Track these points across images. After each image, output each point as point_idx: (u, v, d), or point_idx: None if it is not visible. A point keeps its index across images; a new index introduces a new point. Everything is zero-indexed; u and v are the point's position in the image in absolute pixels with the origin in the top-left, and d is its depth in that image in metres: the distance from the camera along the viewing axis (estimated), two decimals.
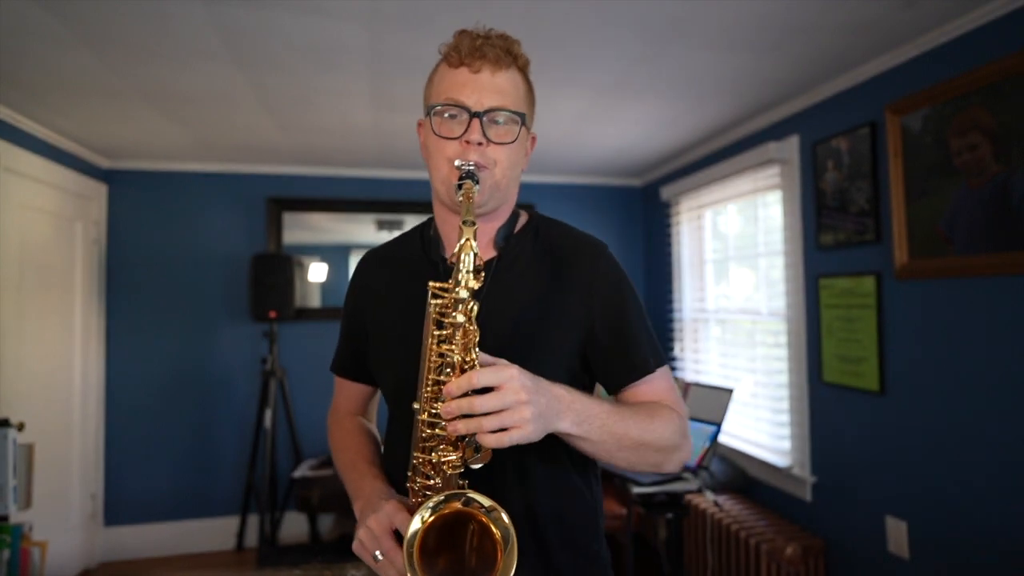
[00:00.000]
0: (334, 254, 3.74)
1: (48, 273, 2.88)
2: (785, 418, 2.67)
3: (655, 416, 0.88)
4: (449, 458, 0.77)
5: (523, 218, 1.02)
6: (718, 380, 3.21)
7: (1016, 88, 1.68)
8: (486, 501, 0.74)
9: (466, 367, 0.75)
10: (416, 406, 0.79)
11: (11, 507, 2.02)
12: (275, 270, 3.27)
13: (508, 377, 0.71)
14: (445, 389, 0.72)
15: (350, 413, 1.14)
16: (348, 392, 1.13)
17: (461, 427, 0.70)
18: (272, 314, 3.24)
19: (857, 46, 2.02)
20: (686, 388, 2.70)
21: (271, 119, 2.72)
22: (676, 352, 3.64)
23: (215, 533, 3.44)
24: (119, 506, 3.35)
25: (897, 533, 2.08)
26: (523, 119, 0.90)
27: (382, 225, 3.77)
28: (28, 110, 2.54)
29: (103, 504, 3.33)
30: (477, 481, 0.79)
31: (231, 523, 3.45)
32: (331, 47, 1.98)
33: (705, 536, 2.68)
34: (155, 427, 3.41)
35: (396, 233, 1.12)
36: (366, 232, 3.78)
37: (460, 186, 0.83)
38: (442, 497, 0.74)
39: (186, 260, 3.49)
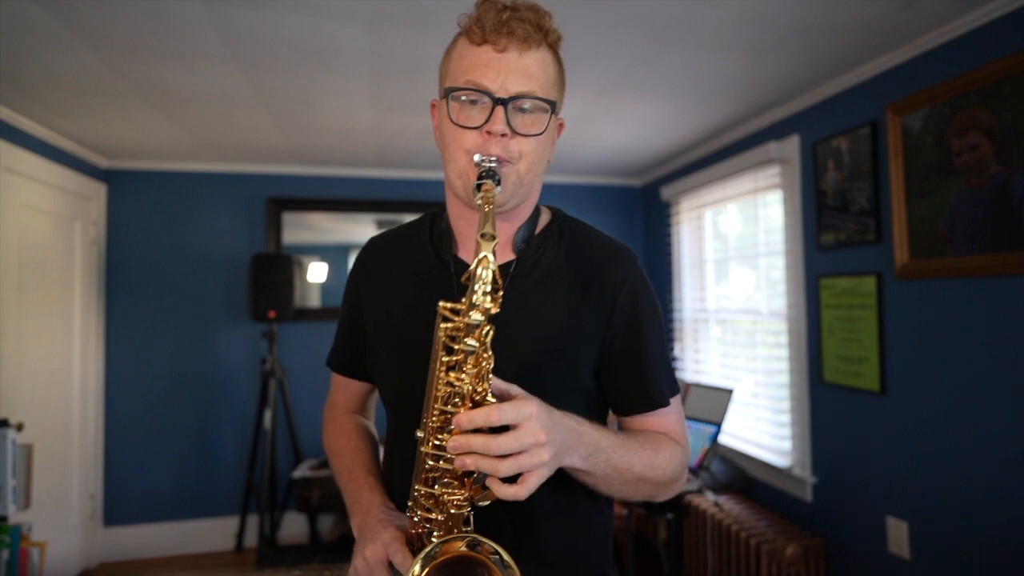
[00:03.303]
0: (334, 254, 3.74)
1: (48, 273, 2.88)
2: (785, 418, 2.67)
3: (660, 450, 0.83)
4: (454, 497, 0.70)
5: (545, 216, 0.93)
6: (718, 380, 3.21)
7: (1016, 88, 1.68)
8: (503, 553, 0.67)
9: (477, 397, 0.68)
10: (419, 434, 0.72)
11: (10, 507, 2.01)
12: (275, 270, 3.27)
13: (528, 416, 0.65)
14: (456, 420, 0.65)
15: (347, 410, 1.07)
16: (345, 388, 1.05)
17: (471, 463, 0.64)
18: (272, 314, 3.24)
19: (857, 46, 2.02)
20: (686, 388, 2.70)
21: (271, 119, 2.72)
22: (676, 352, 3.64)
23: (215, 533, 3.43)
24: (118, 506, 3.35)
25: (898, 533, 2.08)
26: (553, 107, 0.80)
27: (382, 225, 3.77)
28: (28, 110, 2.54)
29: (102, 504, 3.32)
30: (481, 515, 0.73)
31: (231, 523, 3.44)
32: (331, 47, 1.98)
33: (705, 536, 2.67)
34: (154, 427, 3.41)
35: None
36: (366, 232, 3.77)
37: (479, 186, 0.74)
38: (445, 539, 0.69)
39: (186, 260, 3.48)
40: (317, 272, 3.67)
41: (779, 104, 2.61)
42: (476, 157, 0.77)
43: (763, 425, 2.86)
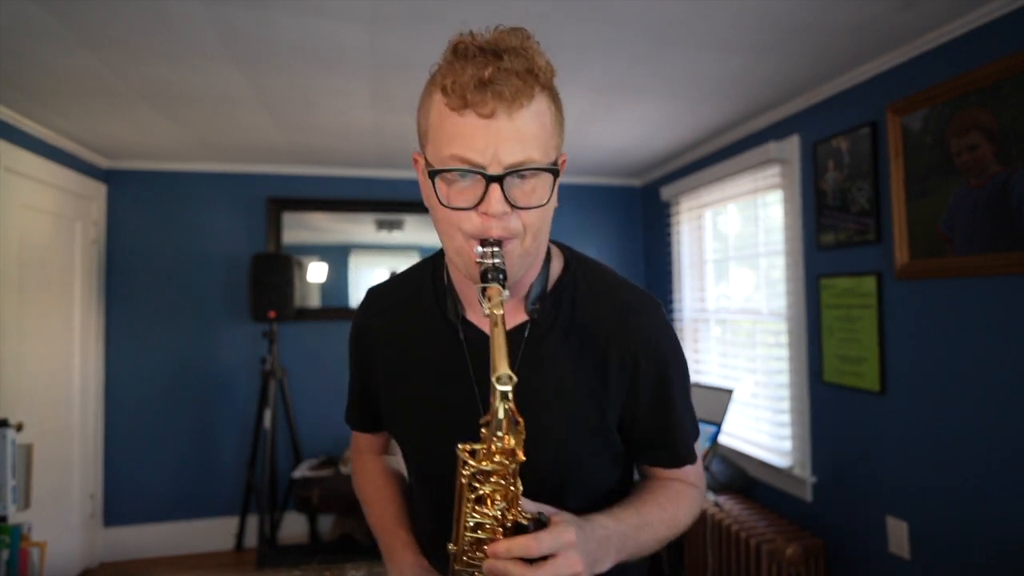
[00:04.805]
0: (334, 254, 3.74)
1: (48, 273, 2.88)
2: (785, 418, 2.67)
3: (680, 504, 0.84)
4: None
5: (557, 264, 0.85)
6: (718, 380, 3.21)
7: (1016, 88, 1.68)
8: None
9: (508, 523, 0.68)
10: (452, 548, 0.72)
11: (10, 507, 2.01)
12: (275, 270, 3.27)
13: (566, 544, 0.65)
14: (492, 549, 0.65)
15: (372, 452, 1.05)
16: (366, 437, 1.04)
17: None
18: (272, 314, 3.24)
19: (857, 46, 2.02)
20: None
21: (271, 119, 2.72)
22: None
23: (215, 533, 3.43)
24: (118, 506, 3.35)
25: (898, 533, 2.08)
26: (556, 174, 0.71)
27: (382, 225, 3.77)
28: (28, 110, 2.54)
29: (102, 504, 3.32)
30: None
31: (231, 523, 3.44)
32: (331, 47, 1.97)
33: (705, 537, 2.67)
34: (154, 427, 3.41)
35: (395, 233, 1.05)
36: (366, 232, 3.77)
37: (484, 290, 0.67)
38: None
39: (186, 260, 3.48)
40: (317, 272, 3.67)
41: (779, 104, 2.61)
42: (477, 251, 0.69)
43: (763, 425, 2.86)
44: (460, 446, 0.66)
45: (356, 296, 3.71)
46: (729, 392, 2.52)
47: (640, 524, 0.78)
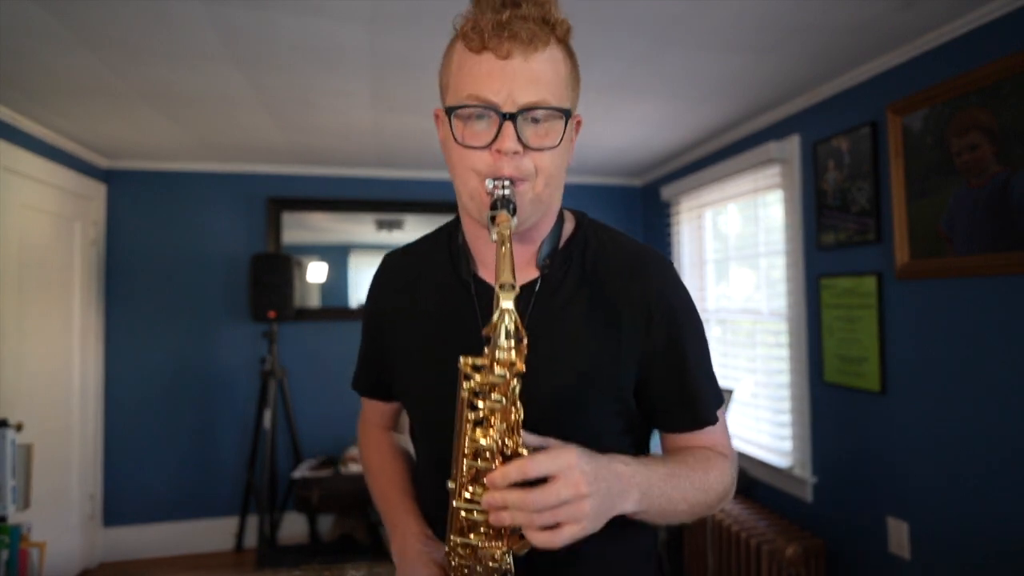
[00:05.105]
0: (334, 254, 3.74)
1: (48, 273, 2.88)
2: (786, 418, 2.66)
3: (710, 470, 0.79)
4: (490, 547, 0.69)
5: (569, 224, 0.86)
6: (718, 380, 3.20)
7: (1016, 88, 1.68)
8: None
9: (508, 451, 0.65)
10: (451, 485, 0.69)
11: (10, 508, 2.01)
12: (275, 270, 3.27)
13: (566, 466, 0.61)
14: (489, 479, 0.62)
15: (380, 427, 1.05)
16: (375, 408, 1.03)
17: (507, 518, 0.61)
18: (271, 314, 3.24)
19: (857, 46, 2.02)
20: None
21: (271, 119, 2.72)
22: None
23: (214, 533, 3.43)
24: (118, 506, 3.34)
25: (898, 533, 2.08)
26: (568, 114, 0.73)
27: (382, 225, 3.76)
28: (28, 110, 2.54)
29: (102, 504, 3.32)
30: (522, 559, 0.71)
31: (230, 523, 3.44)
32: (331, 47, 1.97)
33: (705, 537, 2.67)
34: (154, 427, 3.40)
35: (395, 233, 1.05)
36: (366, 232, 3.77)
37: (493, 218, 0.68)
38: None
39: (185, 260, 3.48)
40: (317, 272, 3.67)
41: (779, 104, 2.61)
42: (488, 184, 0.71)
43: (763, 425, 2.86)
44: (462, 358, 0.65)
45: (356, 296, 3.71)
46: (729, 392, 2.52)
47: (669, 473, 0.73)
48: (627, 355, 0.79)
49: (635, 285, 0.80)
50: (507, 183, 0.70)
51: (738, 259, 3.21)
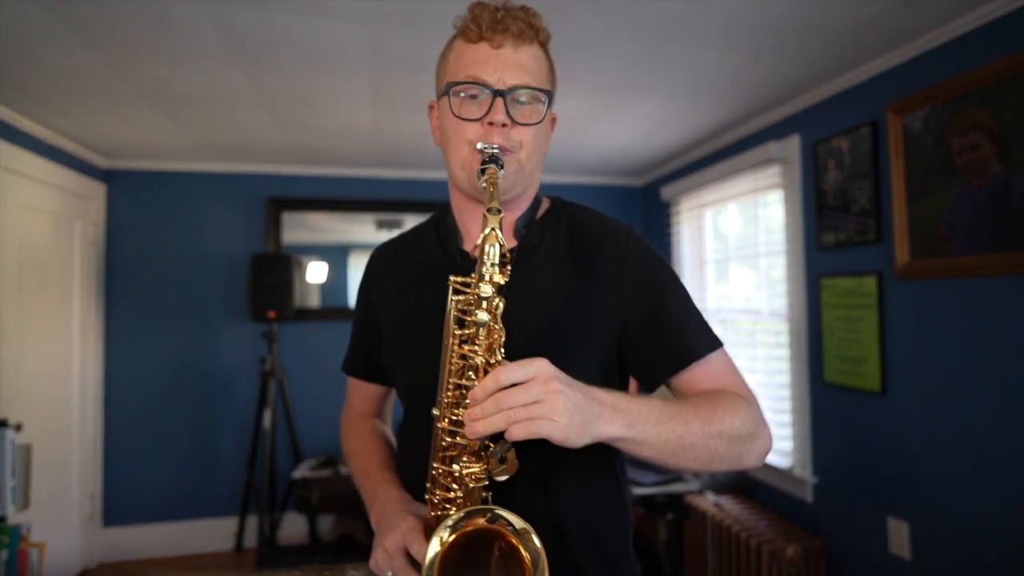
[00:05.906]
0: (334, 254, 3.74)
1: (47, 273, 2.88)
2: (786, 418, 2.66)
3: (717, 405, 0.77)
4: (472, 469, 0.71)
5: (545, 204, 0.95)
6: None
7: (1016, 88, 1.68)
8: (516, 521, 0.67)
9: (490, 370, 0.68)
10: (435, 412, 0.74)
11: (9, 508, 2.01)
12: (274, 270, 3.26)
13: (536, 369, 0.64)
14: (471, 394, 0.65)
15: (364, 414, 1.09)
16: (362, 392, 1.07)
17: (481, 428, 0.63)
18: (271, 314, 3.24)
19: (857, 46, 2.02)
20: None
21: (271, 119, 2.72)
22: None
23: (214, 534, 3.43)
24: (118, 506, 3.34)
25: (898, 534, 2.08)
26: (549, 97, 0.84)
27: (382, 225, 3.77)
28: (28, 110, 2.54)
29: (102, 504, 3.32)
30: (500, 494, 0.74)
31: (230, 524, 3.44)
32: (331, 47, 1.97)
33: (706, 537, 2.67)
34: (154, 427, 3.40)
35: (396, 233, 1.09)
36: (366, 232, 3.77)
37: (483, 171, 0.76)
38: (464, 513, 0.68)
39: (185, 260, 3.48)
40: (317, 272, 3.67)
41: (779, 104, 2.61)
42: (479, 145, 0.80)
43: None
44: (452, 277, 0.74)
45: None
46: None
47: (663, 407, 0.72)
48: (602, 304, 0.85)
49: (603, 245, 0.88)
50: (496, 147, 0.80)
51: (738, 259, 3.21)
